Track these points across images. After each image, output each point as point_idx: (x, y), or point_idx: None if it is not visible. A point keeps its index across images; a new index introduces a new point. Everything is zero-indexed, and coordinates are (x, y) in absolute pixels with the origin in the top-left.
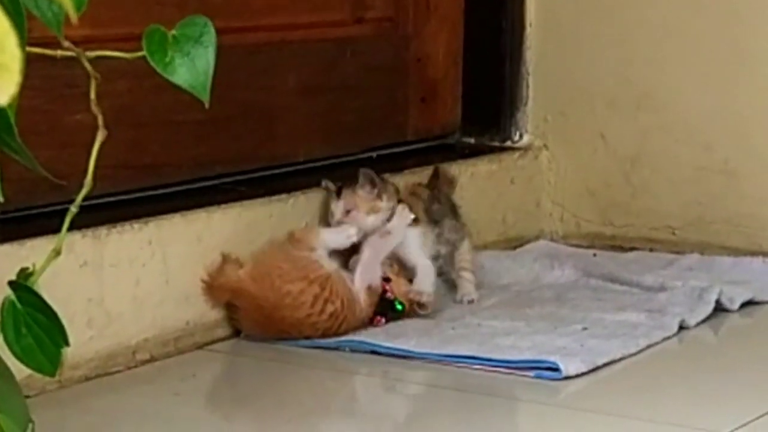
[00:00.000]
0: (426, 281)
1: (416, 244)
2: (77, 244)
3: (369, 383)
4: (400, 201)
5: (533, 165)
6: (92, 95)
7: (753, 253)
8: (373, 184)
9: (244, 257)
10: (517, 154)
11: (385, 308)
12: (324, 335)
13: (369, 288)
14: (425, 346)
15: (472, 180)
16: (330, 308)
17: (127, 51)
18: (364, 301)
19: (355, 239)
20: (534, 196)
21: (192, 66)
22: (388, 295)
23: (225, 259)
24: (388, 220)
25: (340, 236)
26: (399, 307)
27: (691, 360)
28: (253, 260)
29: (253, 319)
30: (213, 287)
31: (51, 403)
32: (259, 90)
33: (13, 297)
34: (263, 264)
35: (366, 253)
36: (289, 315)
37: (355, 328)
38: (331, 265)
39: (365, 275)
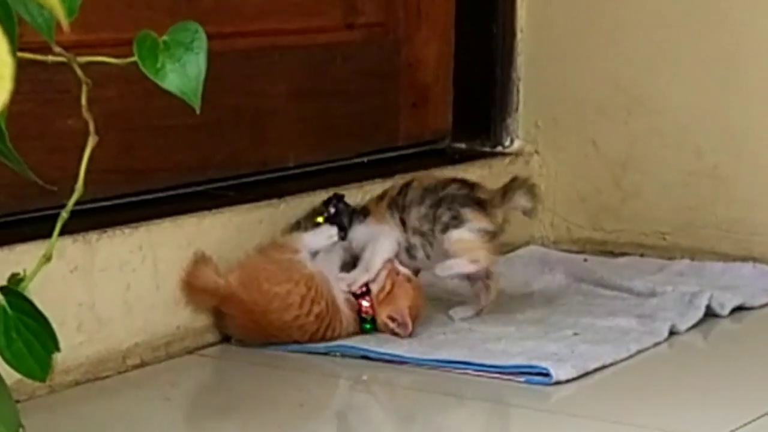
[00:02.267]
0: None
1: (362, 237)
2: (68, 249)
3: (359, 389)
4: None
5: (524, 170)
6: (83, 100)
7: (743, 259)
8: None
9: (233, 262)
10: (508, 159)
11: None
12: (311, 339)
13: (347, 299)
14: (416, 352)
15: None
16: (316, 309)
17: (118, 56)
18: (347, 309)
19: (335, 239)
20: None
21: (183, 72)
22: (364, 313)
23: (198, 260)
24: None
25: (321, 237)
26: (367, 327)
27: (681, 365)
28: (240, 266)
29: (242, 324)
30: (196, 290)
31: (41, 408)
32: (249, 95)
33: (3, 302)
34: (250, 268)
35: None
36: (277, 318)
37: (341, 336)
38: (315, 266)
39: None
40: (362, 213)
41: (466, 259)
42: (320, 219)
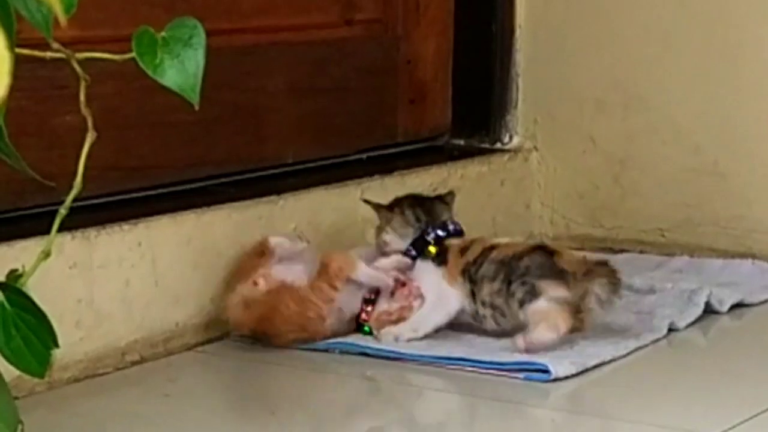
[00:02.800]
0: (416, 319)
1: (425, 281)
2: (66, 246)
3: (358, 385)
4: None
5: (523, 167)
6: (81, 97)
7: (742, 255)
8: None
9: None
10: (506, 156)
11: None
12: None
13: (339, 310)
14: (415, 348)
15: (462, 182)
16: (308, 338)
17: (116, 52)
18: (347, 328)
19: (389, 286)
20: (524, 198)
21: (181, 68)
22: (362, 317)
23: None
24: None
25: (380, 281)
26: (366, 329)
27: (680, 362)
28: (274, 284)
29: (240, 328)
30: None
31: (40, 405)
32: (248, 91)
33: (2, 298)
34: (279, 293)
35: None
36: (271, 336)
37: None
38: (334, 323)
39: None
40: (439, 257)
41: (543, 328)
42: (432, 249)
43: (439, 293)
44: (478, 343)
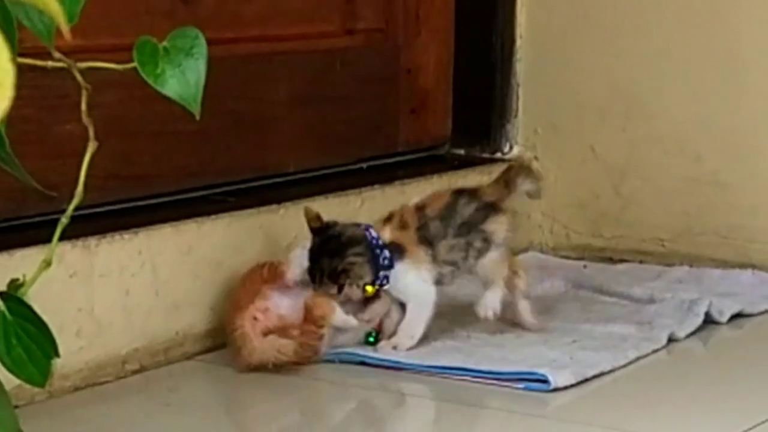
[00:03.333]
0: (406, 327)
1: (403, 282)
2: (67, 255)
3: (358, 395)
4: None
5: None
6: (83, 106)
7: (742, 266)
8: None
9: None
10: (507, 165)
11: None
12: None
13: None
14: (415, 357)
15: None
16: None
17: (118, 61)
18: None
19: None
20: (524, 207)
21: (183, 78)
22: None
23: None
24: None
25: (351, 325)
26: (371, 339)
27: (680, 372)
28: (272, 320)
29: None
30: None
31: (41, 414)
32: (249, 101)
33: (3, 307)
34: (276, 335)
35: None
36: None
37: None
38: (330, 340)
39: None
40: (398, 249)
41: (500, 288)
42: (370, 289)
43: (415, 291)
44: (478, 352)
